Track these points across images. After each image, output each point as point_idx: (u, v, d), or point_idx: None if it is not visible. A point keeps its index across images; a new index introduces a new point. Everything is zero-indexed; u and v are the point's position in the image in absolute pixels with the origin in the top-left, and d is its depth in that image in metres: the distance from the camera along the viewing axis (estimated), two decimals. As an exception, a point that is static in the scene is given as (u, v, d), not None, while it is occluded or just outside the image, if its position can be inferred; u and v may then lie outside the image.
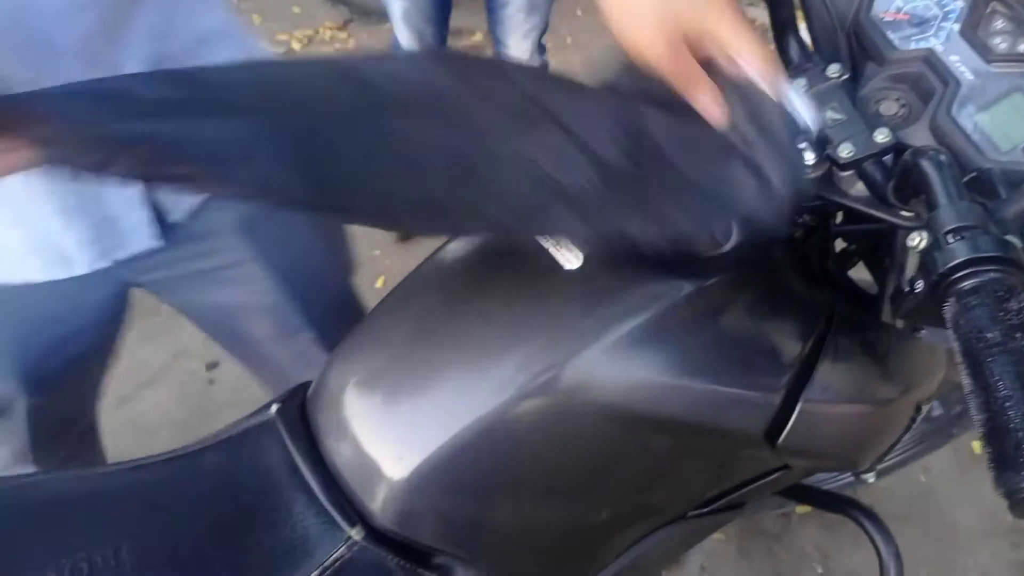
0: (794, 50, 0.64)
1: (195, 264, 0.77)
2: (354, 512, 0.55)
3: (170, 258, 0.74)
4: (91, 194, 0.66)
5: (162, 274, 0.76)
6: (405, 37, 2.02)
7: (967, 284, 0.42)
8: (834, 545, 1.53)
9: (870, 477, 1.29)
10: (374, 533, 0.55)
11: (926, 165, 0.47)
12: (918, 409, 0.61)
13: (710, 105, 0.53)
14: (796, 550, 1.53)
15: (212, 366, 1.72)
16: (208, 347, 0.89)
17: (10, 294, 0.70)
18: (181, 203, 0.73)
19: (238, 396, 1.51)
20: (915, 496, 1.61)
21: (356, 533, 0.54)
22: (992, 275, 0.42)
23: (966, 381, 0.40)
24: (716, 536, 1.48)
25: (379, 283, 1.85)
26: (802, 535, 1.55)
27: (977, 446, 1.68)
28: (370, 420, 0.55)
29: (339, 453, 0.56)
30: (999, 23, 0.58)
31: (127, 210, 0.68)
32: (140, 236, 0.70)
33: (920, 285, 0.46)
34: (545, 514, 0.58)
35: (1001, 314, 0.40)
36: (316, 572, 0.53)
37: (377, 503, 0.54)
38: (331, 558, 0.54)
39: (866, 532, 0.71)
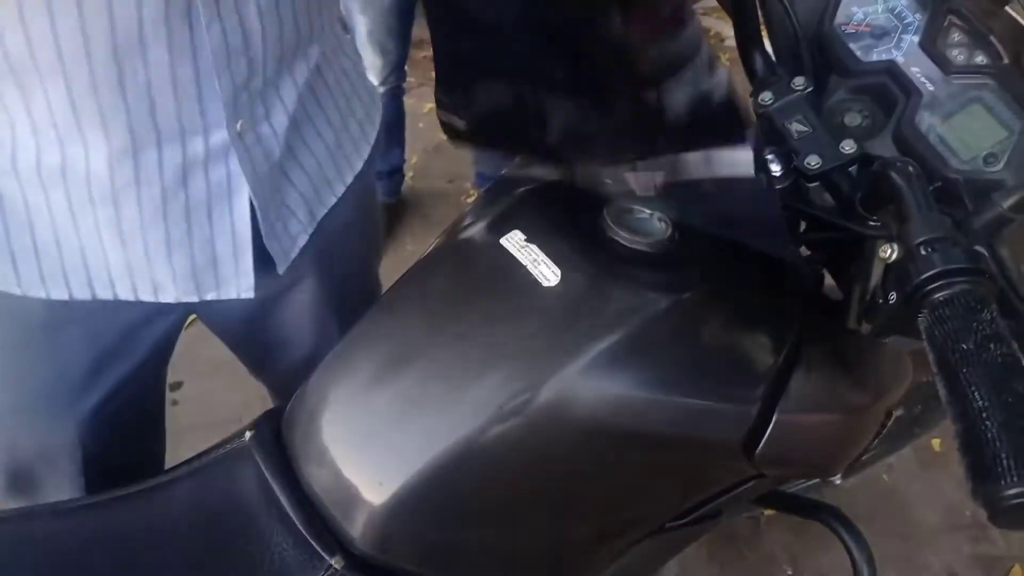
0: (759, 63, 0.64)
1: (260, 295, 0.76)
2: (333, 540, 0.54)
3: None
4: (201, 231, 0.66)
5: (229, 306, 0.74)
6: (368, 53, 2.02)
7: (941, 295, 0.43)
8: (802, 547, 1.55)
9: (837, 479, 1.31)
10: (354, 560, 0.54)
11: (895, 176, 0.48)
12: (888, 415, 0.62)
13: None
14: (765, 553, 1.54)
15: (175, 387, 1.68)
16: (170, 367, 0.86)
17: (80, 312, 0.69)
18: (292, 252, 0.74)
19: (202, 418, 1.48)
20: (879, 495, 1.64)
21: (336, 562, 0.53)
22: (965, 286, 0.43)
23: (942, 392, 0.41)
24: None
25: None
26: (771, 538, 1.56)
27: (937, 443, 1.72)
28: (349, 445, 0.54)
29: (317, 479, 0.55)
30: (956, 35, 0.59)
31: (234, 255, 0.68)
32: (237, 283, 0.70)
33: (893, 296, 0.46)
34: (527, 534, 0.58)
35: (975, 325, 0.41)
36: (296, 600, 0.52)
37: (357, 529, 0.53)
38: None
39: (839, 537, 0.72)
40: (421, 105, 2.87)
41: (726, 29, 3.41)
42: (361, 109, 0.81)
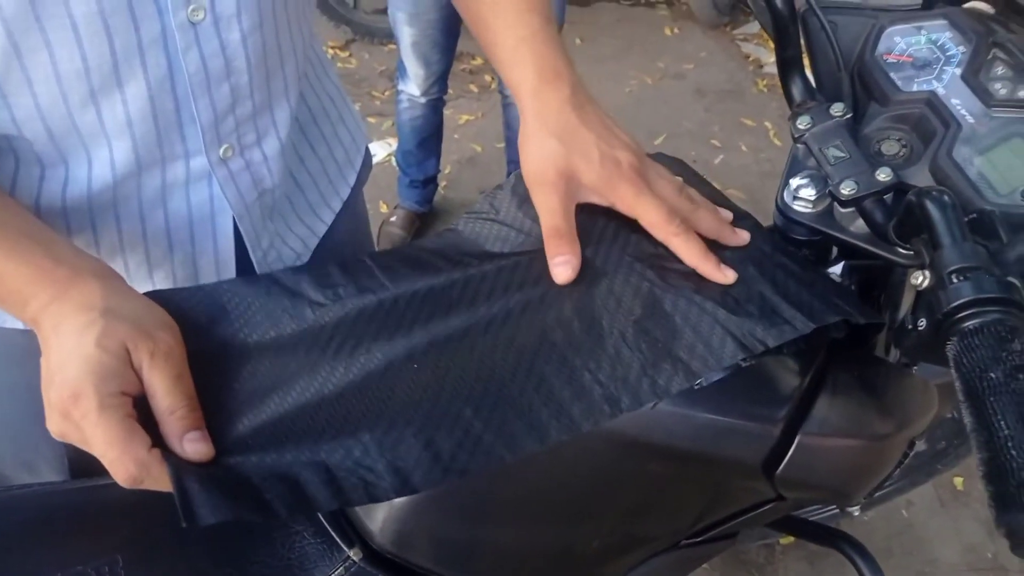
0: (798, 88, 0.65)
1: None
2: (353, 532, 0.55)
3: None
4: (183, 249, 0.67)
5: None
6: (412, 64, 2.04)
7: (970, 324, 0.43)
8: (817, 577, 1.53)
9: (855, 510, 1.29)
10: (372, 554, 0.55)
11: (930, 205, 0.48)
12: (911, 444, 0.62)
13: (560, 266, 0.56)
14: (779, 581, 1.53)
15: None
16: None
17: None
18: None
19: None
20: (897, 530, 1.62)
21: (355, 554, 0.54)
22: (995, 316, 0.43)
23: (968, 420, 0.41)
24: (702, 566, 1.48)
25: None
26: (785, 566, 1.55)
27: (959, 482, 1.69)
28: None
29: (339, 472, 0.56)
30: (1000, 69, 0.59)
31: (216, 272, 0.69)
32: None
33: (923, 323, 0.47)
34: (541, 539, 0.58)
35: (1004, 354, 0.41)
36: (312, 592, 0.53)
37: (377, 524, 0.54)
38: None
39: (855, 566, 0.71)
40: (457, 117, 2.91)
41: (765, 56, 3.41)
42: (348, 135, 0.82)
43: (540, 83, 0.60)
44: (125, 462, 0.47)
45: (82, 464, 0.74)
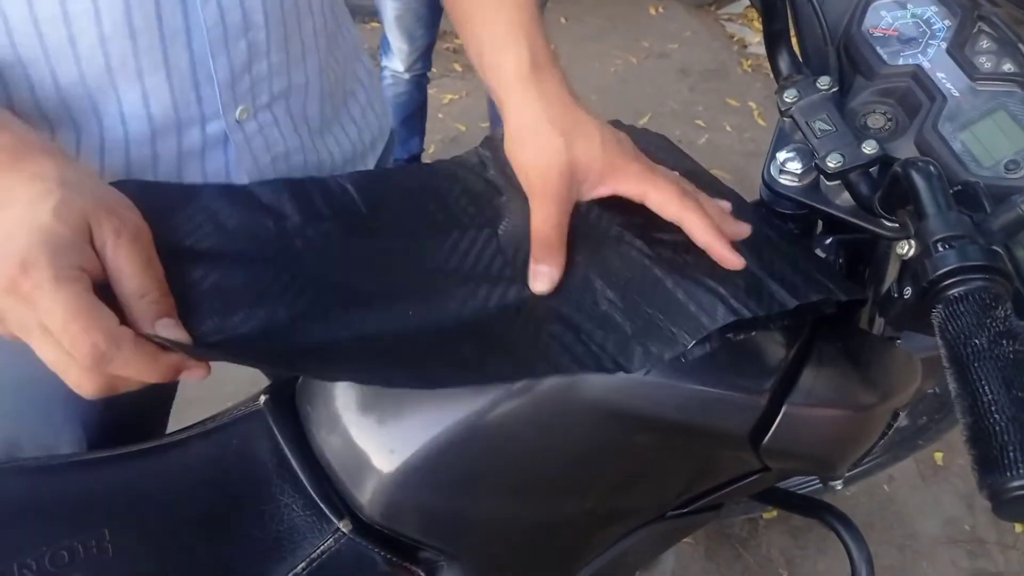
0: (785, 62, 0.65)
1: None
2: (342, 504, 0.55)
3: None
4: None
5: None
6: (395, 39, 2.03)
7: (955, 292, 0.44)
8: (799, 551, 1.56)
9: (838, 484, 1.31)
10: (361, 525, 0.55)
11: (916, 175, 0.49)
12: (895, 415, 0.63)
13: (539, 277, 0.55)
14: (762, 555, 1.55)
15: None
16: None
17: None
18: None
19: (208, 392, 1.49)
20: (878, 505, 1.65)
21: (344, 525, 0.54)
22: (980, 283, 0.43)
23: (952, 385, 0.42)
24: (685, 539, 1.50)
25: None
26: (768, 540, 1.57)
27: (939, 457, 1.72)
28: (361, 412, 0.55)
29: (329, 445, 0.56)
30: (985, 43, 0.60)
31: None
32: None
33: (909, 292, 0.47)
34: (529, 511, 0.58)
35: (988, 321, 0.41)
36: (303, 564, 0.53)
37: (366, 495, 0.54)
38: (318, 550, 0.54)
39: (839, 536, 0.72)
40: (441, 96, 2.89)
41: (749, 36, 3.41)
42: (375, 120, 0.80)
43: (535, 72, 0.57)
44: (92, 334, 0.41)
45: (99, 442, 0.74)
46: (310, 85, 0.68)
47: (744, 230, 0.58)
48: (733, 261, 0.53)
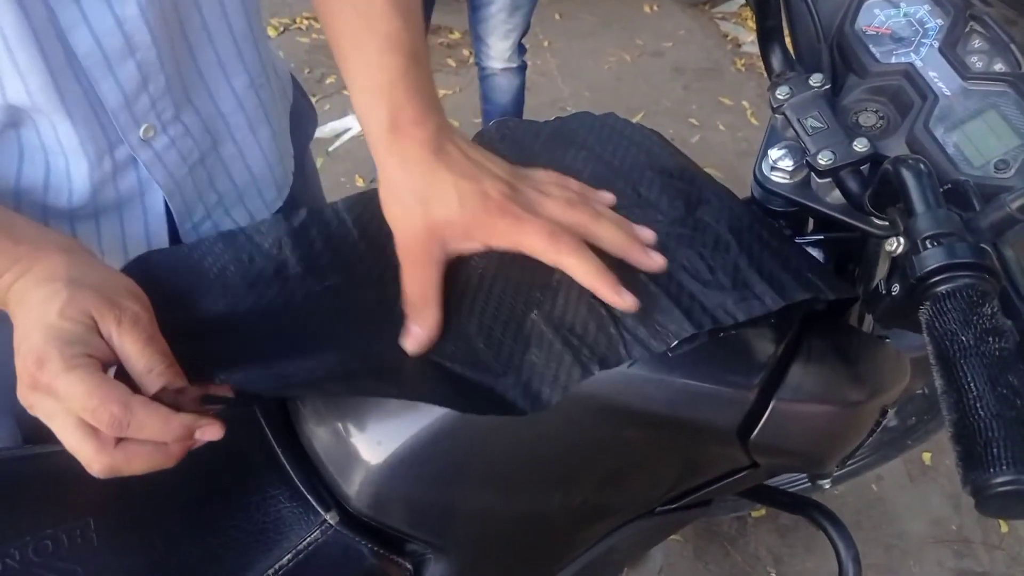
0: (778, 58, 0.65)
1: None
2: (330, 496, 0.55)
3: None
4: (112, 230, 0.65)
5: None
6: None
7: (943, 288, 0.44)
8: (787, 550, 1.56)
9: (826, 483, 1.31)
10: (348, 517, 0.55)
11: (906, 172, 0.49)
12: (883, 413, 0.63)
13: (409, 337, 0.54)
14: (750, 553, 1.56)
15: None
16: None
17: None
18: None
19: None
20: (866, 504, 1.65)
21: (331, 517, 0.54)
22: (967, 280, 0.43)
23: (938, 382, 0.42)
24: (674, 537, 1.50)
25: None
26: (757, 539, 1.58)
27: (927, 457, 1.73)
28: (348, 403, 0.55)
29: (316, 436, 0.56)
30: (976, 42, 0.60)
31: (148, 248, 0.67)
32: None
33: (897, 288, 0.47)
34: (517, 504, 0.58)
35: (975, 318, 0.42)
36: (290, 555, 0.53)
37: (353, 487, 0.54)
38: (305, 542, 0.54)
39: (827, 534, 0.73)
40: (435, 90, 2.88)
41: (743, 35, 3.41)
42: (282, 105, 0.79)
43: (393, 134, 0.55)
44: (108, 405, 0.46)
45: (33, 435, 0.73)
46: (218, 90, 0.67)
47: (656, 263, 0.54)
48: (621, 302, 0.51)
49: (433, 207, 0.54)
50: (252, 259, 0.59)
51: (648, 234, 0.56)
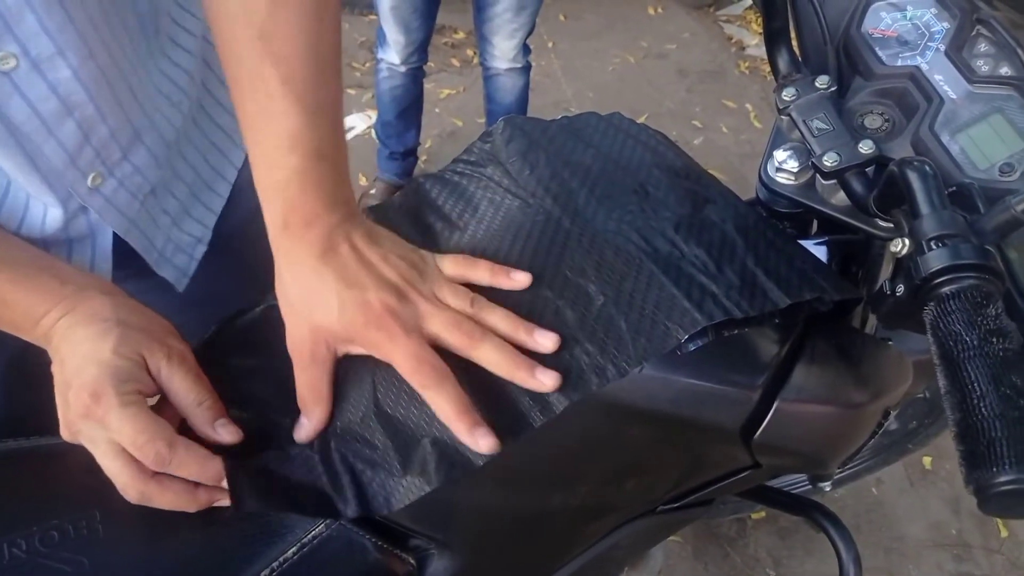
0: (784, 60, 0.65)
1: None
2: None
3: None
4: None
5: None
6: (391, 30, 2.02)
7: (947, 289, 0.44)
8: (786, 552, 1.56)
9: (827, 486, 1.32)
10: None
11: (911, 174, 0.49)
12: (885, 415, 0.63)
13: (300, 429, 0.55)
14: (749, 555, 1.56)
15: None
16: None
17: None
18: (189, 268, 0.75)
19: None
20: (866, 507, 1.65)
21: None
22: (972, 282, 0.44)
23: (942, 382, 0.42)
24: (673, 537, 1.50)
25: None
26: (756, 540, 1.58)
27: (928, 461, 1.73)
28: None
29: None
30: (982, 46, 0.60)
31: None
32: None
33: (901, 289, 0.47)
34: (520, 501, 0.59)
35: (979, 319, 0.42)
36: (294, 549, 0.53)
37: (358, 482, 0.54)
38: (310, 535, 0.54)
39: (827, 535, 0.73)
40: (438, 91, 2.89)
41: (747, 38, 3.42)
42: (226, 113, 0.77)
43: (284, 233, 0.54)
44: (156, 443, 0.50)
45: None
46: (168, 124, 0.67)
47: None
48: (473, 444, 0.50)
49: (315, 313, 0.53)
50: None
51: (547, 341, 0.53)
